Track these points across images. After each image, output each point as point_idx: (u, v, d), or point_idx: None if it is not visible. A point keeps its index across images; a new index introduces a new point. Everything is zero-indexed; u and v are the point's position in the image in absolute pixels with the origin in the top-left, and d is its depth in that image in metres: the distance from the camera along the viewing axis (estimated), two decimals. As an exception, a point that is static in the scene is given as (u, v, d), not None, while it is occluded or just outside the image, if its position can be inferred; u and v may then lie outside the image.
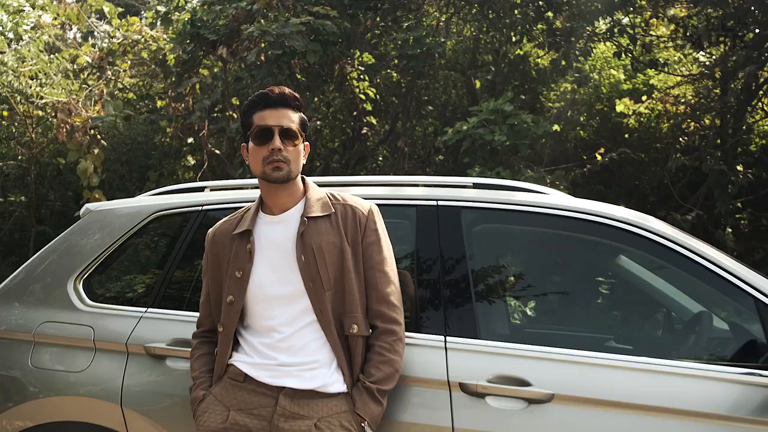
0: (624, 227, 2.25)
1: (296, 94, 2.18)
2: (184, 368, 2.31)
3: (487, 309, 2.37)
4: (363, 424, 1.99)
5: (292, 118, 2.13)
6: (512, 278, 2.55)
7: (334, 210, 2.14)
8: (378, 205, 2.25)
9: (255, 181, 2.71)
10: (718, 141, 6.41)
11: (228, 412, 2.01)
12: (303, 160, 2.17)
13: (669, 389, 2.04)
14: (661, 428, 2.00)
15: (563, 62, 5.70)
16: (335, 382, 2.02)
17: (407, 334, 2.17)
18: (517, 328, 2.50)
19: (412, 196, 2.48)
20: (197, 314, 2.30)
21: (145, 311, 2.51)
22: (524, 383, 2.08)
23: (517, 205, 2.38)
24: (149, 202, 2.80)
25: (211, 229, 2.25)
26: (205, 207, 2.67)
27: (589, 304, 2.67)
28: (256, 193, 2.49)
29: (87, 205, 2.89)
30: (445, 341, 2.19)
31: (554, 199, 2.41)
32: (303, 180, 2.22)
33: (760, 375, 2.02)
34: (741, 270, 2.17)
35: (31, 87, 8.43)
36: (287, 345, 2.04)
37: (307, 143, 2.19)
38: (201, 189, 2.86)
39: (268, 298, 2.07)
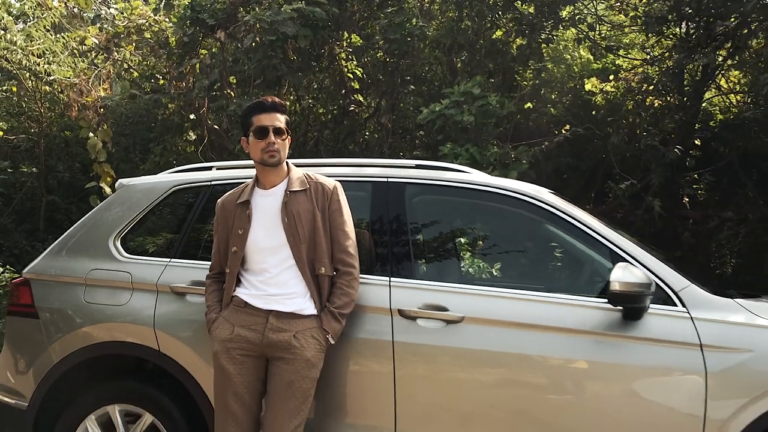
0: (520, 197, 3.20)
1: (283, 102, 3.13)
2: (200, 301, 3.26)
3: (420, 257, 3.35)
4: (327, 336, 2.97)
5: (281, 120, 3.09)
6: (441, 235, 3.53)
7: (309, 186, 3.10)
8: (342, 181, 3.21)
9: (250, 162, 3.64)
10: (678, 116, 7.33)
11: (233, 328, 2.99)
12: (287, 150, 3.13)
13: (549, 313, 2.99)
14: (540, 340, 2.95)
15: (527, 51, 6.58)
16: (308, 307, 2.99)
17: (363, 275, 3.13)
18: (441, 271, 3.48)
19: (369, 174, 3.45)
20: (209, 262, 3.26)
21: (169, 261, 3.47)
22: (443, 309, 3.04)
23: (447, 182, 3.35)
24: (169, 178, 3.76)
25: (219, 199, 3.22)
26: (213, 182, 3.63)
27: (492, 252, 3.67)
28: (252, 171, 3.42)
29: (120, 181, 3.85)
30: (390, 281, 3.16)
31: (474, 177, 3.37)
32: (287, 164, 3.17)
33: (608, 303, 2.96)
34: (601, 228, 3.12)
35: (39, 64, 9.32)
36: (275, 281, 3.01)
37: (289, 137, 3.14)
38: (209, 168, 3.81)
39: (261, 249, 3.04)
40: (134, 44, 8.28)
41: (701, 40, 6.80)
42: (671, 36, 7.44)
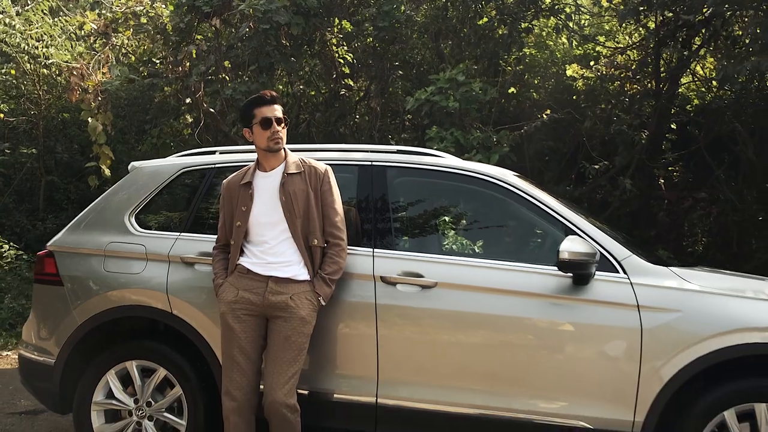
0: (487, 179, 3.75)
1: (278, 95, 3.66)
2: (206, 270, 3.81)
3: (400, 231, 3.91)
4: (319, 299, 3.53)
5: (279, 110, 3.63)
6: (419, 212, 4.09)
7: (303, 169, 3.64)
8: (331, 164, 3.75)
9: (250, 147, 4.13)
10: (648, 101, 7.89)
11: (238, 291, 3.54)
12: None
13: (510, 278, 3.54)
14: (503, 302, 3.50)
15: (509, 40, 7.13)
16: (302, 274, 3.54)
17: (351, 247, 3.67)
18: (418, 243, 4.05)
19: (355, 158, 3.99)
20: (214, 236, 3.80)
21: (179, 234, 4.01)
22: (419, 276, 3.60)
23: (423, 165, 3.90)
24: (178, 161, 4.29)
25: (225, 180, 3.75)
26: (217, 165, 4.17)
27: (462, 227, 4.25)
28: (252, 155, 3.94)
29: (133, 163, 4.38)
30: (374, 252, 3.71)
31: (446, 161, 3.92)
32: (284, 149, 3.71)
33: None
34: (556, 205, 3.68)
35: (37, 48, 9.79)
36: (273, 251, 3.56)
37: (286, 125, 3.68)
38: (213, 152, 4.33)
39: (262, 223, 3.58)
40: (132, 30, 8.74)
41: (673, 29, 7.32)
42: (646, 24, 7.97)
